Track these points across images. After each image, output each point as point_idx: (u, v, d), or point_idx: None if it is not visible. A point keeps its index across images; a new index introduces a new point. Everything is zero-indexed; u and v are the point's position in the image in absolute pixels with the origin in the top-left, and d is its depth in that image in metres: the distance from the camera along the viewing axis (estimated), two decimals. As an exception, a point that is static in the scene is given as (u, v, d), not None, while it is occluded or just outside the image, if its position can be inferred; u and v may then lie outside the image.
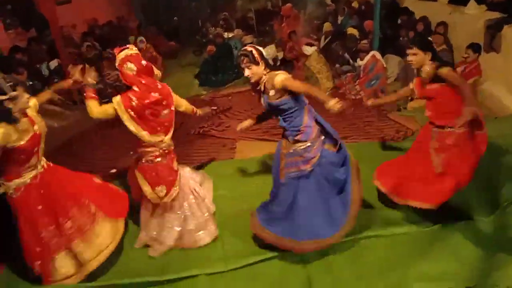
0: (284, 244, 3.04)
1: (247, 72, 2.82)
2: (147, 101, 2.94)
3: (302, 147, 2.86)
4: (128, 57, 2.89)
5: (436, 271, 2.85)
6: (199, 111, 3.57)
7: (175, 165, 3.27)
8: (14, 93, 2.61)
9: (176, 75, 8.25)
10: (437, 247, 3.07)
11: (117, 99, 2.92)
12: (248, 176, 4.21)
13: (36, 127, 2.79)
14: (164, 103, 3.05)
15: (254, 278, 3.00)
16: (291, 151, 2.90)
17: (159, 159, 3.15)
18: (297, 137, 2.85)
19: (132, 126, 2.96)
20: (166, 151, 3.18)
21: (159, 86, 3.05)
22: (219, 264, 3.11)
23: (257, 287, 2.89)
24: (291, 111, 2.82)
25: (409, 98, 5.41)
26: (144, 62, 2.95)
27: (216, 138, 5.40)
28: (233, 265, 3.08)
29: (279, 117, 2.90)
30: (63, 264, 2.96)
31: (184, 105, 3.38)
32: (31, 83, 5.73)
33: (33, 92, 3.16)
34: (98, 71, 7.13)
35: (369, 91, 6.11)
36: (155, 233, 3.34)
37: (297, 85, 2.71)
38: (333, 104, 2.47)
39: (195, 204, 3.38)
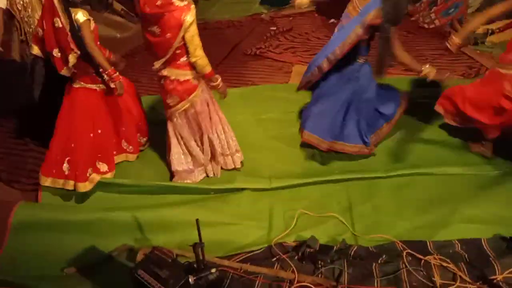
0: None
1: None
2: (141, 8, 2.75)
3: None
4: None
5: (484, 215, 2.78)
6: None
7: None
8: None
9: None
10: (490, 193, 2.96)
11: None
12: (300, 102, 4.13)
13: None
14: (148, 17, 2.74)
15: (296, 198, 3.08)
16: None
17: None
18: None
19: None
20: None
21: (158, 3, 2.64)
22: (264, 181, 3.19)
23: (298, 206, 2.97)
24: None
25: (489, 31, 4.86)
26: None
27: (272, 61, 5.27)
28: (276, 184, 3.17)
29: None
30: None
31: None
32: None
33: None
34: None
35: (445, 20, 5.56)
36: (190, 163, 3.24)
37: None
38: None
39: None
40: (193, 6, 2.63)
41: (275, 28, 6.02)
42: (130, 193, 3.16)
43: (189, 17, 2.58)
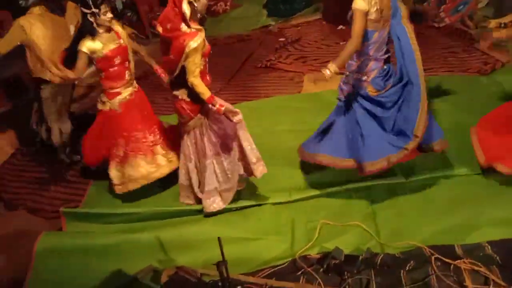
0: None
1: None
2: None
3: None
4: None
5: (510, 215, 2.70)
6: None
7: None
8: (95, 10, 2.86)
9: (245, 5, 8.03)
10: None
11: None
12: (313, 111, 4.11)
13: (122, 40, 3.05)
14: (163, 37, 2.76)
15: (318, 209, 3.05)
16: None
17: None
18: None
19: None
20: None
21: (168, 27, 2.67)
22: (283, 194, 3.18)
23: (319, 216, 2.95)
24: None
25: (502, 24, 4.77)
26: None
27: (283, 71, 5.29)
28: (296, 196, 3.15)
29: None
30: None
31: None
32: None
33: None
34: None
35: (455, 18, 5.47)
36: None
37: None
38: None
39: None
40: (201, 33, 2.65)
41: (284, 39, 6.06)
42: (151, 220, 3.17)
43: (193, 43, 2.58)
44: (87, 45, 2.94)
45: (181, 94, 2.86)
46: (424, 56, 4.82)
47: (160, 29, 2.72)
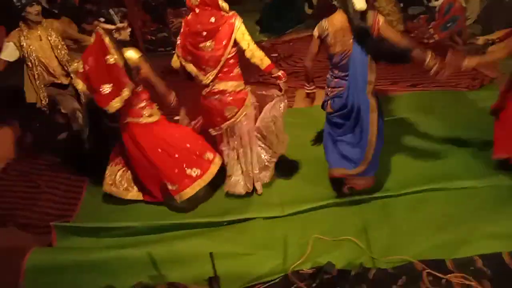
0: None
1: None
2: (190, 30, 2.98)
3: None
4: None
5: (502, 229, 2.73)
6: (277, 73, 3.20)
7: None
8: (121, 25, 2.93)
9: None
10: (506, 205, 2.92)
11: None
12: (305, 126, 4.14)
13: None
14: (204, 34, 2.94)
15: (310, 223, 3.05)
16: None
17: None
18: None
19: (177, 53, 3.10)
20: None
21: (212, 20, 2.92)
22: (276, 209, 3.18)
23: (312, 231, 2.94)
24: None
25: (490, 41, 4.88)
26: None
27: (276, 86, 5.29)
28: (289, 210, 3.15)
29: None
30: None
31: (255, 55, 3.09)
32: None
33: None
34: (163, 20, 7.32)
35: (444, 34, 5.60)
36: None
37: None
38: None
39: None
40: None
41: (276, 55, 6.12)
42: (143, 234, 3.14)
43: (238, 20, 2.97)
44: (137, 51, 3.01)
45: (231, 87, 3.08)
46: (414, 72, 4.95)
47: (199, 27, 2.91)
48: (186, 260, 2.85)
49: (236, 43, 3.00)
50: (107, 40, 2.85)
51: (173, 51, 3.21)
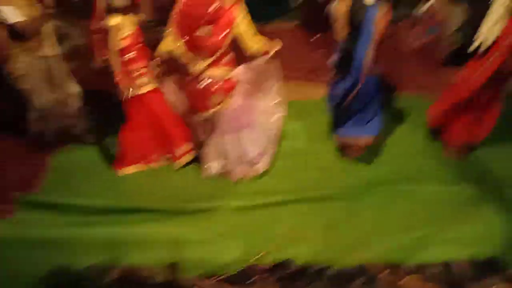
0: None
1: None
2: (189, 10, 2.87)
3: None
4: None
5: (461, 235, 2.81)
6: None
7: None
8: None
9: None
10: (467, 213, 3.00)
11: None
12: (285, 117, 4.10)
13: None
14: (204, 19, 2.85)
15: (276, 218, 3.04)
16: None
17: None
18: None
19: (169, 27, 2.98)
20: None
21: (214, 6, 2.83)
22: (246, 199, 3.17)
23: (279, 226, 2.96)
24: None
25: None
26: None
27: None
28: (258, 201, 3.14)
29: None
30: None
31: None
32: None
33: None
34: None
35: (426, 40, 5.67)
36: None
37: None
38: None
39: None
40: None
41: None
42: (107, 214, 3.05)
43: (240, 8, 2.90)
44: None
45: (221, 74, 3.02)
46: (395, 77, 4.96)
47: (200, 11, 2.81)
48: (149, 244, 2.81)
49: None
50: None
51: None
